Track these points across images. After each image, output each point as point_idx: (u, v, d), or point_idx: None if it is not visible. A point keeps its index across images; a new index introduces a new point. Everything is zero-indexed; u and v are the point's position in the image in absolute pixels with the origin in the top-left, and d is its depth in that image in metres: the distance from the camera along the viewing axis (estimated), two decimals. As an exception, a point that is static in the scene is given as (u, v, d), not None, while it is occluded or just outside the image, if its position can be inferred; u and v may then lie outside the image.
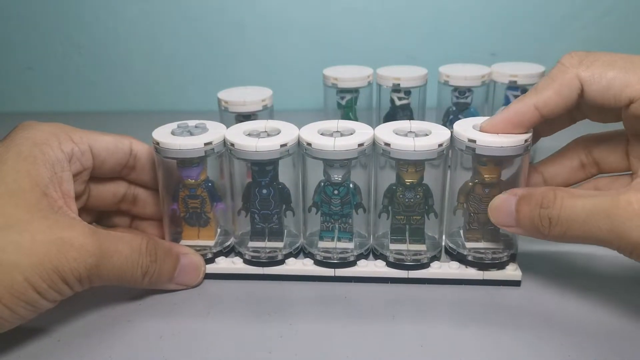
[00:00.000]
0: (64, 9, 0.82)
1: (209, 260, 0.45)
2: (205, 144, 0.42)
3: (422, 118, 0.64)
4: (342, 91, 0.64)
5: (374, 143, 0.42)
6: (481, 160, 0.42)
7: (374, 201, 0.45)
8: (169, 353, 0.37)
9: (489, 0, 0.78)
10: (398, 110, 0.63)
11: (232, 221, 0.46)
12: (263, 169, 0.43)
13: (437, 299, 0.42)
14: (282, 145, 0.41)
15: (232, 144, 0.42)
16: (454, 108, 0.63)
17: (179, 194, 0.45)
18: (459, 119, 0.61)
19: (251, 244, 0.46)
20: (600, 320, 0.39)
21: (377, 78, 0.63)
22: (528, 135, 0.40)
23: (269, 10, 0.81)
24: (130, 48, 0.84)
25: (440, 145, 0.41)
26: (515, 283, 0.43)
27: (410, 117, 0.63)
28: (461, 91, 0.61)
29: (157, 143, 0.42)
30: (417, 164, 0.42)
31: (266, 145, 0.41)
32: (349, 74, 0.63)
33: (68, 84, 0.87)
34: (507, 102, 0.64)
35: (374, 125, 0.44)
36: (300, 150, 0.43)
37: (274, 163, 0.43)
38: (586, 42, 0.78)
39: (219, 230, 0.47)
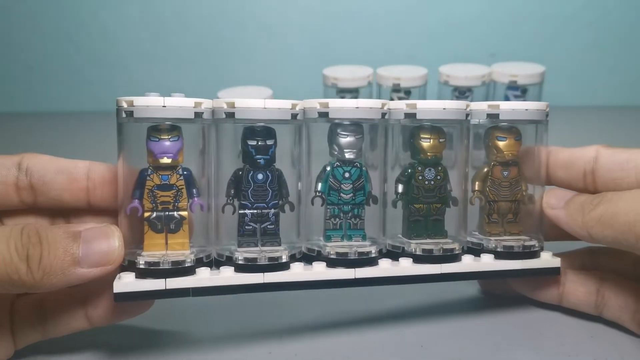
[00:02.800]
0: (64, 8, 0.80)
1: (187, 270, 0.33)
2: (196, 104, 0.33)
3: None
4: (342, 91, 0.63)
5: (390, 112, 0.37)
6: (499, 134, 0.39)
7: (385, 193, 0.38)
8: (169, 353, 0.35)
9: (489, 0, 0.81)
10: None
11: (214, 223, 0.35)
12: (264, 142, 0.35)
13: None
14: (294, 105, 0.34)
15: (231, 104, 0.34)
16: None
17: (144, 186, 0.34)
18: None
19: (240, 250, 0.35)
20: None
21: (377, 78, 0.62)
22: (545, 104, 0.38)
23: (269, 11, 0.80)
24: (129, 48, 0.82)
25: (468, 105, 0.37)
26: (555, 271, 0.38)
27: None
28: (461, 91, 0.61)
29: (130, 103, 0.32)
30: (441, 133, 0.37)
31: (277, 104, 0.34)
32: (349, 74, 0.62)
33: (68, 84, 0.83)
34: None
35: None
36: (306, 120, 0.36)
37: (274, 137, 0.35)
38: (586, 42, 0.81)
39: (193, 239, 0.36)
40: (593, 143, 0.39)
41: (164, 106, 0.32)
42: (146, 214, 0.34)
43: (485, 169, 0.39)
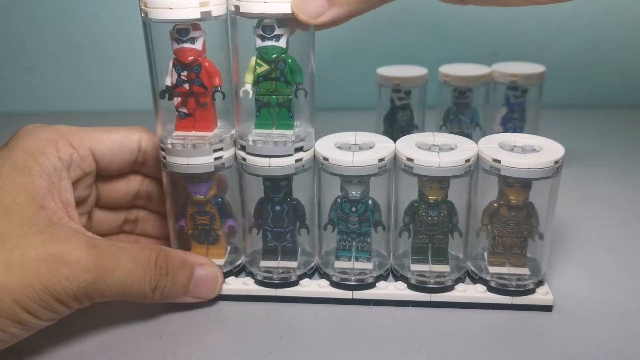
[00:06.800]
0: (64, 9, 0.81)
1: (218, 281, 0.42)
2: (216, 159, 0.39)
3: (422, 118, 0.64)
4: None
5: (395, 157, 0.39)
6: (507, 181, 0.39)
7: (394, 218, 0.42)
8: (169, 353, 0.37)
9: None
10: (398, 110, 0.62)
11: (243, 239, 0.43)
12: (276, 184, 0.41)
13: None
14: (297, 161, 0.39)
15: (244, 159, 0.39)
16: (454, 108, 0.62)
17: (186, 210, 0.42)
18: (459, 119, 0.62)
19: (263, 263, 0.43)
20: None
21: (377, 78, 0.62)
22: (559, 156, 0.37)
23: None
24: (130, 48, 0.83)
25: (467, 160, 0.38)
26: (547, 308, 0.40)
27: (411, 117, 0.62)
28: (461, 91, 0.60)
29: (164, 157, 0.39)
30: (442, 181, 0.39)
31: (280, 162, 0.38)
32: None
33: (68, 84, 0.86)
34: (507, 102, 0.63)
35: (374, 125, 0.41)
36: (316, 165, 0.40)
37: (288, 179, 0.41)
38: (586, 41, 0.76)
39: (228, 248, 0.45)
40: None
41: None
42: (190, 231, 0.43)
43: (495, 205, 0.41)
